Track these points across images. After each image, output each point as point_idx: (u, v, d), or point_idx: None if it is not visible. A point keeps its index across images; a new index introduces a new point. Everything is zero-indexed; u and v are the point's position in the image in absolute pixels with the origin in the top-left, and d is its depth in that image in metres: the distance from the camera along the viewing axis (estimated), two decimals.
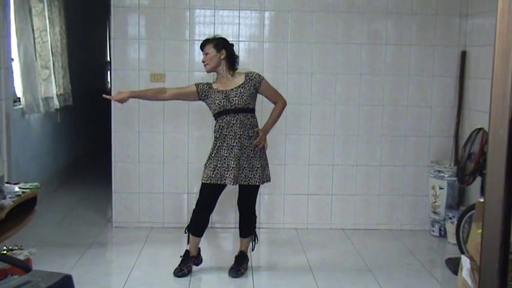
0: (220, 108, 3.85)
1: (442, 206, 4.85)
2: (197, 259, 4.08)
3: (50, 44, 5.69)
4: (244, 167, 3.85)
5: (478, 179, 4.17)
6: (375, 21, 4.97)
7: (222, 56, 3.89)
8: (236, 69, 4.01)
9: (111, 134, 4.97)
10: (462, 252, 4.03)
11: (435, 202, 4.89)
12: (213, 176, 3.83)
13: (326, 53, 4.97)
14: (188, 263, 4.01)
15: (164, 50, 4.90)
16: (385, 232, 5.06)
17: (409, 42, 4.99)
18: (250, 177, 3.86)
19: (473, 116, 4.85)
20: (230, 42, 4.03)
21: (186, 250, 4.07)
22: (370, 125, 5.05)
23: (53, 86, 5.79)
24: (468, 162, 4.21)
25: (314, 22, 4.94)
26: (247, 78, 3.91)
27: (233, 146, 3.82)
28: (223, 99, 3.85)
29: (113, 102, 4.81)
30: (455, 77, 5.03)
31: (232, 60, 3.97)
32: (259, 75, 3.96)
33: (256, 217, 4.10)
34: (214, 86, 3.95)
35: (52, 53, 5.79)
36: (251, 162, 3.86)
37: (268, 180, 4.01)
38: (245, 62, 4.91)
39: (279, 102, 4.04)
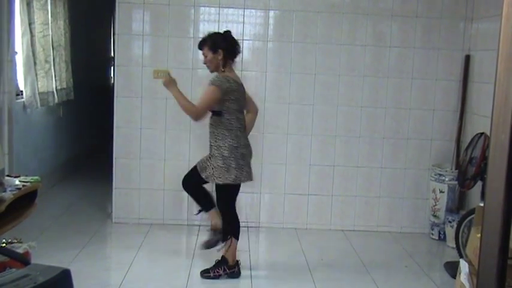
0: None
1: (442, 209, 4.85)
2: (234, 268, 3.90)
3: (51, 38, 5.68)
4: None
5: (479, 184, 4.16)
6: (380, 23, 4.97)
7: (220, 57, 3.74)
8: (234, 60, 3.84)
9: (112, 129, 4.98)
10: (461, 256, 4.02)
11: (435, 205, 4.89)
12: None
13: (330, 54, 4.96)
14: (219, 270, 3.86)
15: (168, 47, 4.90)
16: (385, 234, 5.06)
17: (413, 45, 4.98)
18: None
19: (475, 121, 4.85)
20: (224, 33, 3.85)
21: (223, 256, 3.90)
22: (372, 127, 5.05)
23: (52, 81, 5.77)
24: (469, 167, 4.21)
25: (318, 23, 4.93)
26: None
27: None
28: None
29: (115, 99, 4.90)
30: (459, 81, 5.02)
31: (233, 54, 3.81)
32: None
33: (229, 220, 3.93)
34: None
35: (54, 47, 5.76)
36: None
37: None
38: (249, 60, 4.92)
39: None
